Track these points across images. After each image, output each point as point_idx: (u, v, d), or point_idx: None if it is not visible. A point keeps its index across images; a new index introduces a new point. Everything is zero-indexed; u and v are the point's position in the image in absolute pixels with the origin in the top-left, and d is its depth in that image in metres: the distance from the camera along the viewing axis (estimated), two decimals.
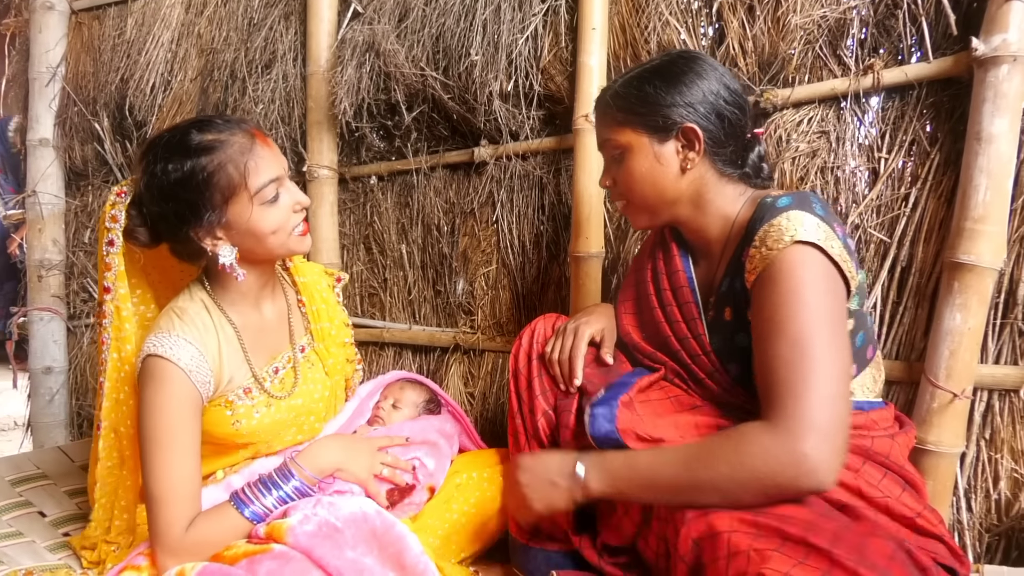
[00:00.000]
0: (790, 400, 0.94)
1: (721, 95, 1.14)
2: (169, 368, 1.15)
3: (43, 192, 2.63)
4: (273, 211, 1.19)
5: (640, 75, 1.18)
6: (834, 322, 0.98)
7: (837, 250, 1.01)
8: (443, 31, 1.85)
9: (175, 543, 1.13)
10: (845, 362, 0.98)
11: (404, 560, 1.09)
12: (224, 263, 1.19)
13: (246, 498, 1.18)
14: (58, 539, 1.42)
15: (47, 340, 2.68)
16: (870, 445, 1.07)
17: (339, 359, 1.48)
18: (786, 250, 1.01)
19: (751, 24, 1.53)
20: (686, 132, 1.14)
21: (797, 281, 0.99)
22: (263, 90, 2.18)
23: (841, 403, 0.94)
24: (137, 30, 2.49)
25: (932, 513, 1.05)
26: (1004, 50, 1.25)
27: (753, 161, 1.20)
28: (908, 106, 1.44)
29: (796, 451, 0.91)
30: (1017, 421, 1.37)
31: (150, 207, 1.19)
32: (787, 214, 1.03)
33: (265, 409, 1.28)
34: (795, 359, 0.96)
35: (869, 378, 1.14)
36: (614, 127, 1.20)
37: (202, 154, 1.13)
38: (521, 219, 1.89)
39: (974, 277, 1.30)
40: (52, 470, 1.66)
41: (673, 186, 1.18)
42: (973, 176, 1.29)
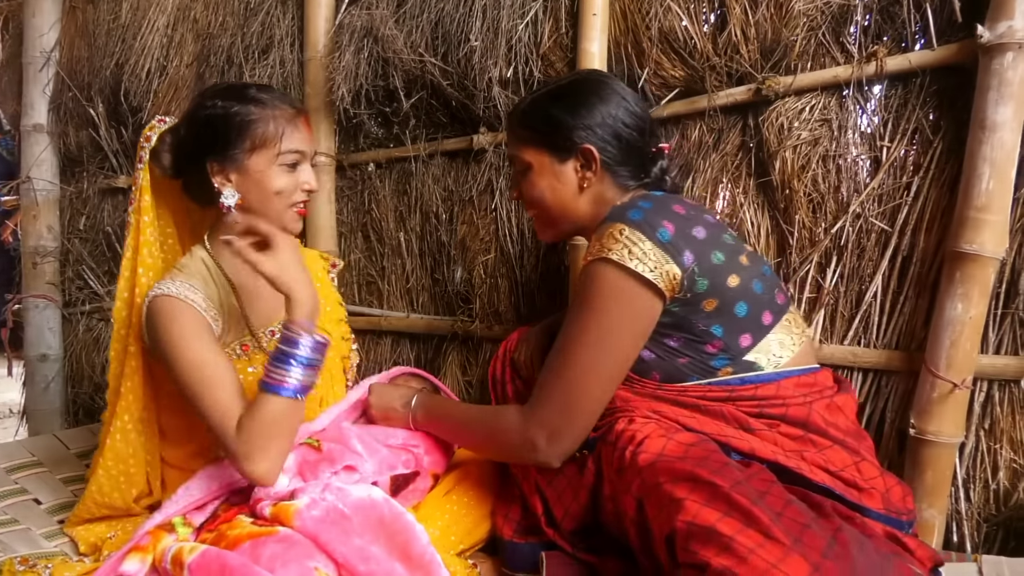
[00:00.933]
0: (534, 398, 1.18)
1: (620, 118, 1.23)
2: (179, 303, 1.21)
3: (37, 178, 2.62)
4: (286, 176, 1.28)
5: (547, 95, 1.27)
6: (606, 341, 1.12)
7: (638, 253, 1.09)
8: (442, 16, 1.83)
9: (242, 450, 1.13)
10: (606, 376, 1.14)
11: (411, 550, 1.08)
12: (224, 202, 1.26)
13: (275, 381, 1.14)
14: (53, 527, 1.41)
15: (42, 328, 2.67)
16: (784, 413, 1.13)
17: (334, 335, 1.52)
18: (584, 268, 1.15)
19: (754, 10, 1.51)
20: (584, 152, 1.22)
21: (581, 299, 1.15)
22: (260, 76, 2.16)
23: (574, 412, 1.14)
24: (132, 14, 2.47)
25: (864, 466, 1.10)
26: (1009, 37, 1.24)
27: (655, 174, 1.29)
28: (911, 94, 1.43)
29: (527, 437, 1.17)
30: (1017, 411, 1.37)
31: (186, 132, 1.30)
32: (599, 229, 1.15)
33: (260, 367, 1.31)
34: (552, 366, 1.16)
35: (776, 344, 1.17)
36: (519, 144, 1.29)
37: (252, 103, 1.26)
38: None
39: (976, 266, 1.29)
40: (47, 457, 1.65)
41: (572, 202, 1.27)
42: (976, 165, 1.28)
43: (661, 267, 1.09)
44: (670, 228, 1.11)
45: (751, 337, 1.16)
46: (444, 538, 1.31)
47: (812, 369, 1.21)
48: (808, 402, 1.14)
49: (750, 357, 1.16)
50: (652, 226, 1.10)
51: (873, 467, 1.11)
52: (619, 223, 1.12)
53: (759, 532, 0.85)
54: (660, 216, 1.12)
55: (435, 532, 1.30)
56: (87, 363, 2.67)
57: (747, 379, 1.16)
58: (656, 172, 1.29)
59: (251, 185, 1.27)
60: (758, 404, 1.14)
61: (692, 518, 0.88)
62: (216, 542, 1.10)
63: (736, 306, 1.14)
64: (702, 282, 1.12)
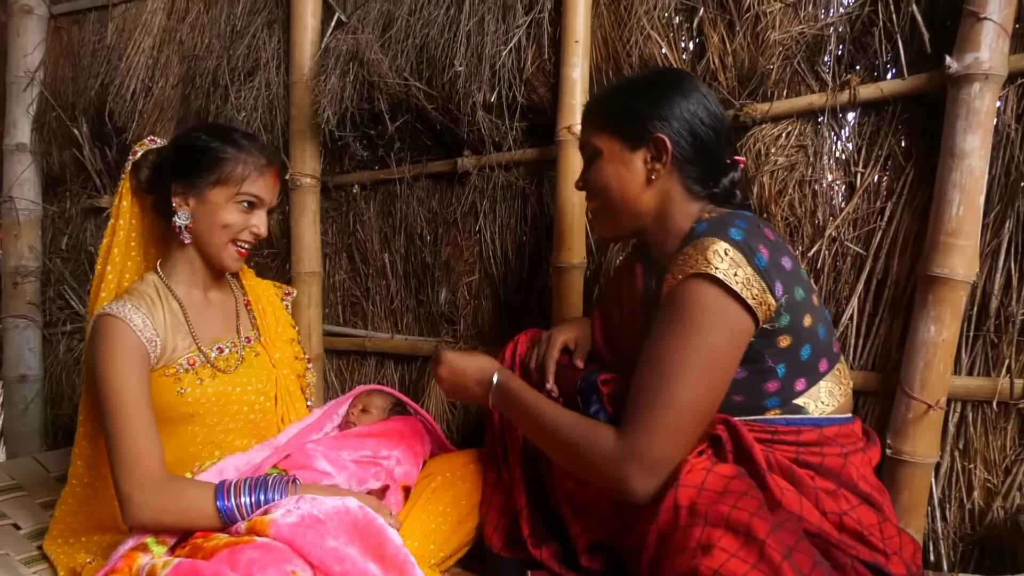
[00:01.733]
0: (632, 426, 1.04)
1: (698, 115, 1.17)
2: (118, 323, 1.25)
3: (19, 198, 2.60)
4: (239, 214, 1.36)
5: (625, 85, 1.22)
6: (709, 363, 1.03)
7: (741, 278, 1.02)
8: (427, 42, 1.85)
9: (142, 476, 1.16)
10: (698, 399, 1.03)
11: (385, 551, 1.10)
12: (177, 222, 1.35)
13: (227, 490, 1.18)
14: (33, 552, 1.39)
15: (22, 348, 2.64)
16: (821, 462, 1.09)
17: (286, 354, 1.57)
18: (684, 282, 1.05)
19: (731, 39, 1.55)
20: (656, 142, 1.16)
21: (683, 317, 1.04)
22: (246, 97, 2.17)
23: (675, 443, 1.02)
24: (118, 35, 2.47)
25: (886, 527, 1.07)
26: (976, 68, 1.28)
27: (725, 186, 1.21)
28: (884, 121, 1.47)
29: (620, 468, 1.03)
30: (990, 431, 1.40)
31: (167, 154, 1.41)
32: (697, 242, 1.06)
33: (209, 379, 1.35)
34: (650, 389, 1.04)
35: (824, 392, 1.14)
36: (592, 130, 1.24)
37: (231, 144, 1.36)
38: (504, 229, 1.90)
39: (948, 290, 1.32)
40: (27, 481, 1.63)
41: (637, 195, 1.20)
42: (947, 191, 1.32)
43: (760, 295, 1.04)
44: (765, 254, 1.05)
45: (806, 382, 1.12)
46: (423, 548, 1.33)
47: (850, 419, 1.18)
48: (844, 453, 1.11)
49: (799, 401, 1.12)
50: (752, 250, 1.04)
51: (893, 526, 1.09)
52: (721, 240, 1.04)
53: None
54: (757, 240, 1.06)
55: (414, 543, 1.32)
56: (67, 384, 2.64)
57: (792, 421, 1.11)
58: (726, 184, 1.22)
59: (204, 213, 1.35)
60: (797, 450, 1.10)
61: (719, 566, 0.85)
62: (192, 555, 1.10)
63: (803, 348, 1.11)
64: (785, 317, 1.08)
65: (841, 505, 1.06)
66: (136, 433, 1.18)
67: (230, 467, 1.31)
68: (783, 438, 1.10)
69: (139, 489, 1.15)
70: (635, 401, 1.06)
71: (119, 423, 1.19)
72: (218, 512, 1.16)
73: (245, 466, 1.32)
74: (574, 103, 1.69)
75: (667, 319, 1.05)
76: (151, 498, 1.15)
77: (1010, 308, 1.37)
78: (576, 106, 1.69)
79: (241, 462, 1.32)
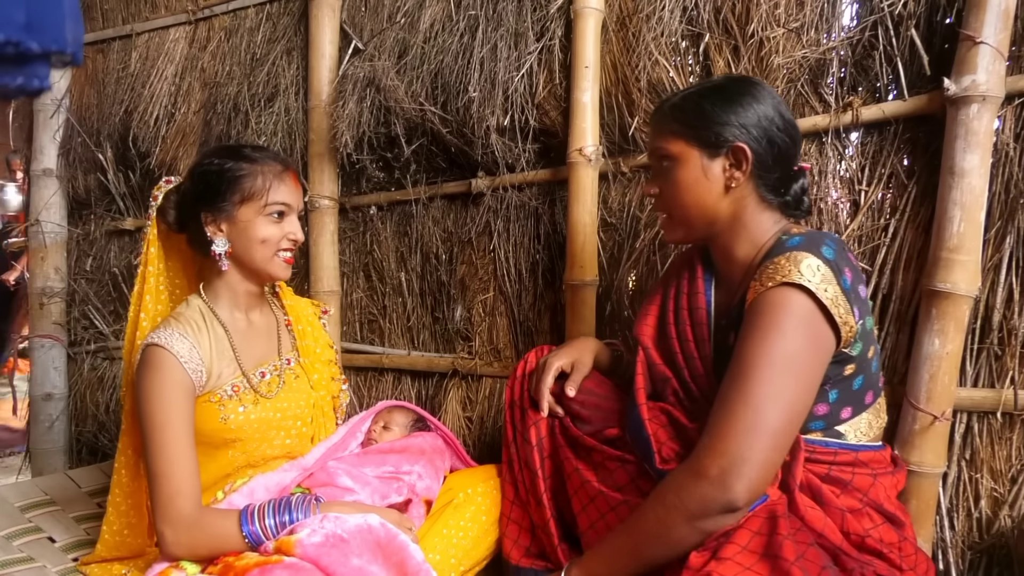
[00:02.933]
0: (709, 435, 1.02)
1: (775, 121, 1.16)
2: (165, 355, 1.28)
3: (46, 221, 2.68)
4: (272, 226, 1.37)
5: (700, 91, 1.21)
6: (792, 364, 1.02)
7: (831, 295, 1.03)
8: (441, 68, 1.92)
9: (175, 515, 1.20)
10: (788, 403, 1.02)
11: (407, 568, 1.14)
12: (215, 250, 1.36)
13: (251, 515, 1.23)
14: (68, 564, 1.44)
15: (47, 367, 2.71)
16: (850, 480, 1.12)
17: (324, 375, 1.60)
18: (774, 289, 1.05)
19: (736, 64, 1.60)
20: (735, 151, 1.16)
21: (769, 322, 1.04)
22: (266, 123, 2.25)
23: (760, 438, 0.99)
24: (141, 63, 2.56)
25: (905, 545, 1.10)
26: (974, 90, 1.33)
27: (795, 192, 1.22)
28: (886, 141, 1.52)
29: (698, 475, 1.00)
30: (996, 442, 1.43)
31: (186, 188, 1.41)
32: (791, 254, 1.06)
33: (251, 406, 1.38)
34: (733, 396, 1.03)
35: (864, 423, 1.16)
36: (667, 136, 1.22)
37: (243, 160, 1.37)
38: (517, 248, 1.95)
39: (951, 304, 1.36)
40: (59, 496, 1.69)
41: (715, 203, 1.19)
42: (948, 208, 1.36)
43: (845, 316, 1.05)
44: (849, 278, 1.06)
45: (851, 411, 1.14)
46: (444, 562, 1.36)
47: (882, 446, 1.20)
48: (875, 474, 1.13)
49: (841, 428, 1.14)
50: (839, 271, 1.05)
51: (911, 544, 1.12)
52: (814, 256, 1.04)
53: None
54: (844, 262, 1.07)
55: (436, 557, 1.35)
56: (91, 402, 2.71)
57: (831, 444, 1.13)
58: (796, 191, 1.22)
59: (239, 234, 1.36)
60: (829, 468, 1.11)
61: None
62: (223, 574, 1.15)
63: (857, 378, 1.12)
64: (858, 345, 1.09)
65: (865, 524, 1.09)
66: (174, 470, 1.22)
67: (260, 487, 1.35)
68: (819, 457, 1.12)
69: (172, 528, 1.20)
70: (713, 412, 1.04)
71: (159, 458, 1.23)
72: (244, 537, 1.21)
73: (275, 486, 1.37)
74: (585, 126, 1.75)
75: (754, 324, 1.05)
76: (183, 537, 1.20)
77: (1012, 321, 1.40)
78: (587, 129, 1.75)
79: (271, 482, 1.37)
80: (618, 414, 1.34)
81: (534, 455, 1.38)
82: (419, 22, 1.99)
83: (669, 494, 1.04)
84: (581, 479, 1.28)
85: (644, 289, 1.78)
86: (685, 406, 1.28)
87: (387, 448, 1.58)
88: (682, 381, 1.28)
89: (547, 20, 1.83)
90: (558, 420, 1.37)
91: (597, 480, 1.26)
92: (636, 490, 1.20)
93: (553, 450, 1.38)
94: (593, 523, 1.25)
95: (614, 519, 1.20)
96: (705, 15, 1.63)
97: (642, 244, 1.76)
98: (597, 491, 1.24)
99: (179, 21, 2.50)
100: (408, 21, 2.02)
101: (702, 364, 1.24)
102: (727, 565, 0.92)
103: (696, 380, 1.26)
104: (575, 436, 1.33)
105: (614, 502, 1.21)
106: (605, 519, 1.23)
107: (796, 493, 1.06)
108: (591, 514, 1.26)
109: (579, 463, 1.30)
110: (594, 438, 1.31)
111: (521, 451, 1.43)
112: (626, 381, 1.40)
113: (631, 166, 1.77)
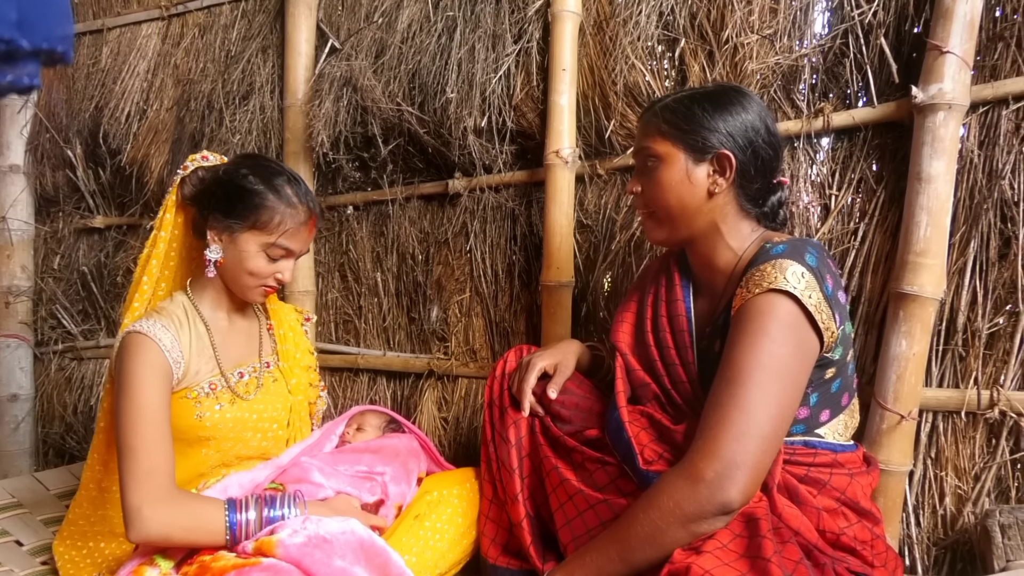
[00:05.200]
0: (703, 438, 1.04)
1: (761, 133, 1.19)
2: (146, 341, 1.28)
3: (12, 218, 2.63)
4: (264, 264, 1.36)
5: (692, 95, 1.22)
6: (780, 369, 1.04)
7: (815, 301, 1.06)
8: (419, 68, 1.92)
9: (155, 491, 1.16)
10: (778, 406, 1.04)
11: (390, 571, 1.14)
12: (208, 256, 1.36)
13: (239, 505, 1.21)
14: (36, 568, 1.42)
15: (13, 367, 2.65)
16: (828, 479, 1.14)
17: (302, 381, 1.59)
18: (761, 296, 1.07)
19: (711, 69, 1.63)
20: (720, 158, 1.18)
21: (758, 327, 1.06)
22: (240, 121, 2.23)
23: (753, 441, 1.01)
24: (112, 59, 2.52)
25: (877, 542, 1.13)
26: (940, 98, 1.37)
27: (772, 204, 1.24)
28: (856, 147, 1.55)
29: (694, 478, 1.01)
30: (960, 440, 1.47)
31: (211, 181, 1.39)
32: (776, 261, 1.08)
33: (228, 405, 1.38)
34: (725, 399, 1.04)
35: (841, 424, 1.19)
36: (655, 136, 1.23)
37: (272, 191, 1.34)
38: (494, 249, 1.96)
39: (917, 307, 1.40)
40: (26, 499, 1.66)
41: (696, 207, 1.21)
42: (915, 213, 1.40)
43: (827, 321, 1.07)
44: (831, 284, 1.09)
45: (829, 413, 1.16)
46: (420, 564, 1.36)
47: (855, 447, 1.23)
48: (851, 473, 1.16)
49: (820, 431, 1.17)
50: (822, 277, 1.07)
51: (883, 542, 1.16)
52: (797, 263, 1.07)
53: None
54: (825, 269, 1.09)
55: (413, 558, 1.35)
56: (59, 403, 2.66)
57: (811, 443, 1.15)
58: (774, 202, 1.24)
59: (234, 254, 1.35)
60: (807, 469, 1.13)
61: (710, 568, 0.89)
62: (199, 574, 1.13)
63: (836, 381, 1.15)
64: (839, 350, 1.12)
65: (840, 523, 1.11)
66: (153, 447, 1.20)
67: (234, 484, 1.34)
68: (798, 459, 1.14)
69: (149, 503, 1.15)
70: (705, 415, 1.06)
71: (136, 436, 1.20)
72: (228, 527, 1.18)
73: (248, 483, 1.36)
74: (562, 128, 1.76)
75: (743, 329, 1.07)
76: (161, 513, 1.15)
77: (976, 323, 1.44)
78: (564, 131, 1.76)
79: (245, 480, 1.36)
80: (598, 415, 1.35)
81: (512, 454, 1.38)
82: (397, 22, 1.99)
83: (663, 497, 1.04)
84: (560, 477, 1.29)
85: (620, 291, 1.80)
86: (668, 411, 1.29)
87: (362, 448, 1.58)
88: (663, 388, 1.29)
89: (525, 22, 1.84)
90: (538, 419, 1.38)
91: (576, 479, 1.27)
92: (616, 490, 1.21)
93: (532, 449, 1.38)
94: (569, 520, 1.26)
95: (592, 516, 1.21)
96: (681, 20, 1.65)
97: (618, 246, 1.77)
98: (576, 489, 1.25)
99: (152, 17, 2.47)
100: (386, 21, 2.01)
101: (684, 371, 1.26)
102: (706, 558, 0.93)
103: (677, 387, 1.27)
104: (556, 436, 1.34)
105: (593, 500, 1.22)
106: (583, 517, 1.24)
107: (774, 492, 1.08)
108: (568, 511, 1.26)
109: (559, 462, 1.31)
110: (574, 439, 1.32)
111: (499, 450, 1.43)
112: (607, 383, 1.41)
113: (607, 168, 1.79)
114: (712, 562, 0.92)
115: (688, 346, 1.26)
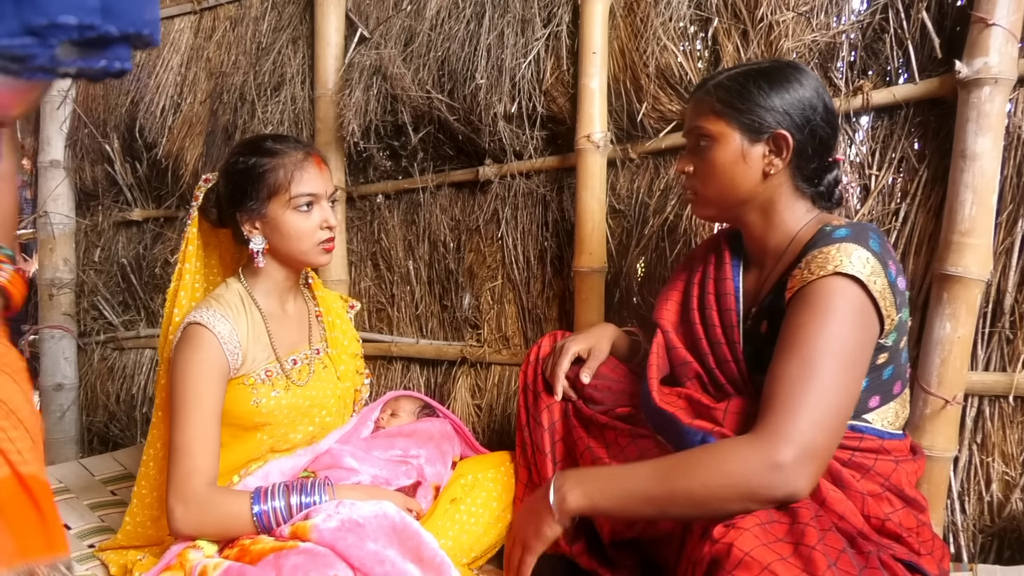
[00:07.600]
0: (780, 414, 1.00)
1: (818, 110, 1.15)
2: (205, 334, 1.31)
3: (54, 212, 2.69)
4: (302, 219, 1.37)
5: (747, 72, 1.18)
6: (850, 355, 1.03)
7: (879, 287, 1.04)
8: (448, 55, 1.91)
9: (190, 493, 1.22)
10: (848, 394, 1.03)
11: (422, 553, 1.16)
12: (253, 248, 1.39)
13: (263, 495, 1.25)
14: (84, 551, 1.46)
15: (58, 357, 2.73)
16: (872, 465, 1.12)
17: (349, 367, 1.62)
18: (827, 278, 1.05)
19: (745, 48, 1.59)
20: (777, 138, 1.14)
21: (825, 307, 1.03)
22: (272, 112, 2.24)
23: (827, 431, 0.99)
24: (146, 54, 2.55)
25: (923, 529, 1.11)
26: (985, 72, 1.32)
27: (828, 183, 1.21)
28: (897, 125, 1.51)
29: (771, 459, 0.97)
30: (1007, 425, 1.43)
31: (221, 189, 1.43)
32: (840, 245, 1.06)
33: (283, 392, 1.40)
34: (799, 378, 1.01)
35: (891, 412, 1.16)
36: (709, 115, 1.19)
37: (265, 155, 1.36)
38: (525, 235, 1.95)
39: (962, 288, 1.36)
40: (73, 484, 1.71)
41: (750, 188, 1.18)
42: (959, 192, 1.36)
43: (889, 308, 1.06)
44: (894, 271, 1.07)
45: (879, 400, 1.14)
46: (455, 547, 1.38)
47: (903, 436, 1.20)
48: (896, 460, 1.14)
49: (869, 416, 1.14)
50: (885, 264, 1.06)
51: (929, 530, 1.13)
52: (863, 248, 1.05)
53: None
54: (888, 256, 1.08)
55: (448, 542, 1.36)
56: (102, 392, 2.73)
57: (857, 427, 1.13)
58: (829, 181, 1.21)
59: (273, 229, 1.38)
60: (852, 453, 1.12)
61: (750, 550, 0.87)
62: (239, 557, 1.17)
63: (888, 368, 1.13)
64: (894, 335, 1.10)
65: (884, 508, 1.09)
66: (196, 448, 1.24)
67: (275, 470, 1.37)
68: (843, 443, 1.11)
69: (183, 504, 1.22)
70: (777, 390, 1.02)
71: (183, 434, 1.25)
72: (253, 517, 1.22)
73: (289, 470, 1.39)
74: (592, 112, 1.74)
75: (808, 310, 1.04)
76: (192, 515, 1.22)
77: None
78: (595, 115, 1.74)
79: (286, 466, 1.39)
80: (630, 395, 1.35)
81: (545, 437, 1.39)
82: (425, 9, 1.98)
83: (729, 465, 0.99)
84: (593, 456, 1.29)
85: (653, 276, 1.78)
86: (709, 391, 1.27)
87: (395, 432, 1.60)
88: (706, 367, 1.27)
89: (554, 6, 1.82)
90: (571, 403, 1.38)
91: (608, 456, 1.27)
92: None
93: (566, 432, 1.38)
94: None
95: None
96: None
97: (651, 231, 1.75)
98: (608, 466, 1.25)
99: (184, 11, 2.50)
100: (414, 8, 2.01)
101: (729, 350, 1.23)
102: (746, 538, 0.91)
103: (722, 366, 1.24)
104: (588, 416, 1.34)
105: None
106: None
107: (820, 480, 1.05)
108: None
109: (591, 441, 1.31)
110: (606, 415, 1.32)
111: (534, 434, 1.44)
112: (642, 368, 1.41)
113: (640, 152, 1.76)
114: (752, 542, 0.90)
115: (735, 325, 1.23)
